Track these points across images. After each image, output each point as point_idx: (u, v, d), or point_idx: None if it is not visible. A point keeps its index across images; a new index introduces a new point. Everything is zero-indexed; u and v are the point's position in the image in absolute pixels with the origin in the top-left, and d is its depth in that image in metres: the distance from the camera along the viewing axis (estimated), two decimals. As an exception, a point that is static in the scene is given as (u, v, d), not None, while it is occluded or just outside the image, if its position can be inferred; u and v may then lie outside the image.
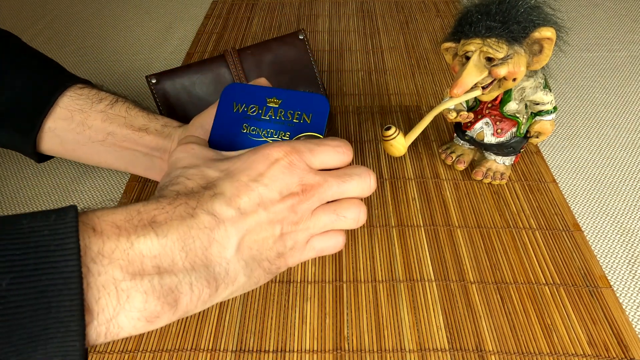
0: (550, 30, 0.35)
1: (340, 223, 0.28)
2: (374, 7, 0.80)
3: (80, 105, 0.40)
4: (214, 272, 0.23)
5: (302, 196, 0.26)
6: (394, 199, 0.45)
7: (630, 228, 0.43)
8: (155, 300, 0.21)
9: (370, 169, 0.27)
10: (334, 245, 0.29)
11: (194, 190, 0.24)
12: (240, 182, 0.25)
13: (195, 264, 0.22)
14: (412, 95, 0.59)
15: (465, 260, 0.40)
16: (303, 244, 0.28)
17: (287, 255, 0.27)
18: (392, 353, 0.34)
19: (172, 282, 0.21)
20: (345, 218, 0.28)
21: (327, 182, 0.27)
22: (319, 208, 0.27)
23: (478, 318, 0.36)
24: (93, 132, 0.40)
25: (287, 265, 0.28)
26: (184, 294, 0.22)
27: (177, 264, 0.22)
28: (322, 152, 0.27)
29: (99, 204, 0.45)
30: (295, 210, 0.26)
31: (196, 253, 0.23)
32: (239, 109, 0.36)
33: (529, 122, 0.42)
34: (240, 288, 0.25)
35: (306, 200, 0.26)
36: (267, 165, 0.26)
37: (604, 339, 0.34)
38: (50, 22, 0.77)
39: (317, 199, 0.27)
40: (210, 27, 0.75)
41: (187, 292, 0.22)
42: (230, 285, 0.24)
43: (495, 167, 0.46)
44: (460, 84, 0.36)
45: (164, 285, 0.21)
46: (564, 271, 0.39)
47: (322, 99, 0.35)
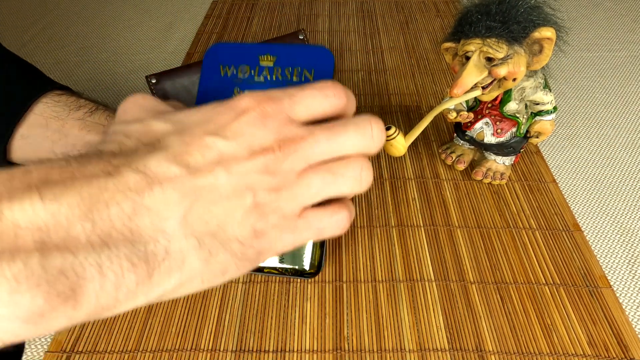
0: (550, 30, 0.35)
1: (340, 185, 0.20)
2: (374, 7, 0.80)
3: (56, 112, 0.38)
4: (145, 251, 0.17)
5: (279, 153, 0.19)
6: (394, 199, 0.45)
7: (630, 228, 0.43)
8: (31, 289, 0.15)
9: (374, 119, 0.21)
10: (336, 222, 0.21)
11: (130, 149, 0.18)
12: (193, 136, 0.19)
13: (110, 238, 0.16)
14: (412, 95, 0.59)
15: (465, 260, 0.40)
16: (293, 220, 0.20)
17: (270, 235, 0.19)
18: (392, 353, 0.34)
19: (65, 263, 0.15)
20: (345, 177, 0.20)
21: (313, 135, 0.20)
22: (308, 169, 0.20)
23: (478, 318, 0.36)
24: (70, 141, 0.38)
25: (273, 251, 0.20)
26: (89, 280, 0.16)
27: (77, 238, 0.16)
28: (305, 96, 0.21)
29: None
30: (272, 171, 0.19)
31: (112, 224, 0.16)
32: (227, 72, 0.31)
33: (529, 122, 0.42)
34: (197, 277, 0.18)
35: (285, 159, 0.19)
36: (232, 116, 0.19)
37: (604, 339, 0.34)
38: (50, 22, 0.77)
39: (302, 158, 0.20)
40: (210, 27, 0.75)
41: (95, 278, 0.16)
42: (175, 272, 0.18)
43: (495, 167, 0.46)
44: (460, 84, 0.36)
45: (50, 267, 0.15)
46: (564, 271, 0.39)
47: (324, 51, 0.30)
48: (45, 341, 0.35)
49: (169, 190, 0.17)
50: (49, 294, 0.15)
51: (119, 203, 0.17)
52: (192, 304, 0.37)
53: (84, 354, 0.34)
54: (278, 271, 0.33)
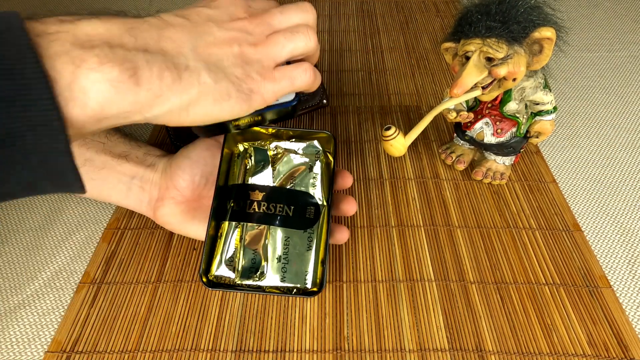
0: (550, 30, 0.35)
1: (297, 41, 0.29)
2: (374, 7, 0.80)
3: None
4: (174, 62, 0.24)
5: (250, 19, 0.28)
6: (394, 199, 0.45)
7: (630, 228, 0.43)
8: (110, 64, 0.21)
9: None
10: (303, 71, 0.29)
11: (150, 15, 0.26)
12: (187, 8, 0.28)
13: (148, 48, 0.23)
14: (412, 95, 0.59)
15: (465, 260, 0.40)
16: (270, 71, 0.28)
17: (256, 79, 0.27)
18: (392, 353, 0.34)
19: (125, 54, 0.22)
20: (298, 34, 0.29)
21: (270, 10, 0.30)
22: (273, 33, 0.29)
23: (478, 318, 0.36)
24: None
25: (261, 95, 0.28)
26: (142, 69, 0.23)
27: (127, 44, 0.23)
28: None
29: (99, 204, 0.45)
30: (249, 32, 0.28)
31: (146, 41, 0.24)
32: None
33: (529, 122, 0.42)
34: (210, 94, 0.25)
35: (255, 23, 0.28)
36: (210, 0, 0.29)
37: (604, 339, 0.34)
38: (50, 22, 0.77)
39: (267, 25, 0.29)
40: (210, 27, 0.75)
41: (145, 67, 0.23)
42: (195, 81, 0.25)
43: (495, 167, 0.46)
44: (460, 84, 0.36)
45: (117, 54, 0.22)
46: (564, 271, 0.39)
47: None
48: (45, 341, 0.35)
49: (179, 29, 0.25)
50: (120, 68, 0.22)
51: (148, 30, 0.24)
52: (192, 304, 0.37)
53: (84, 354, 0.34)
54: (280, 290, 0.33)
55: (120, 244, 0.41)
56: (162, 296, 0.37)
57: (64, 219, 0.44)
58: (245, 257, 0.33)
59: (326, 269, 0.32)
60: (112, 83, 0.22)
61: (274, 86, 0.28)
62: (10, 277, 0.39)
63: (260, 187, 0.35)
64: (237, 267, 0.33)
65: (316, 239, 0.34)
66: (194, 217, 0.36)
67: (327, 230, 0.34)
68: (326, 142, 0.36)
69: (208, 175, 0.36)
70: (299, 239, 0.34)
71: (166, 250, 0.41)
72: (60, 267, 0.40)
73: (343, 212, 0.36)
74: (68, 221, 0.44)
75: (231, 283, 0.33)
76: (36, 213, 0.45)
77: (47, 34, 0.21)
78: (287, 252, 0.33)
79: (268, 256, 0.33)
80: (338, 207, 0.36)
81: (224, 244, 0.34)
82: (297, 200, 0.34)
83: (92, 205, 0.45)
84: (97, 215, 0.44)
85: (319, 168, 0.36)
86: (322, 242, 0.34)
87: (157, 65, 0.23)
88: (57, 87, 0.20)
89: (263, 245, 0.33)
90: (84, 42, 0.22)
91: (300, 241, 0.34)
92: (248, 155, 0.36)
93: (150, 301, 0.37)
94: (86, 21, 0.22)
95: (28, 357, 0.34)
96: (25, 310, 0.37)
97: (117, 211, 0.44)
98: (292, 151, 0.36)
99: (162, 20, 0.25)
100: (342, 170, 0.37)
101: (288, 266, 0.33)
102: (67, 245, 0.42)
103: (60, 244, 0.42)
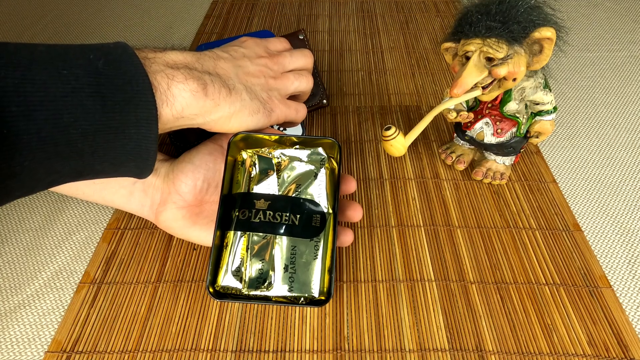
0: (550, 30, 0.35)
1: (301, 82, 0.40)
2: (374, 7, 0.80)
3: None
4: (226, 82, 0.33)
5: (270, 58, 0.39)
6: (394, 199, 0.45)
7: (630, 228, 0.43)
8: (191, 79, 0.30)
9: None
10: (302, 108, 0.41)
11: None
12: (228, 46, 0.38)
13: (210, 71, 0.33)
14: (412, 95, 0.59)
15: (465, 260, 0.40)
16: (284, 98, 0.39)
17: (275, 103, 0.37)
18: (392, 353, 0.34)
19: (198, 74, 0.31)
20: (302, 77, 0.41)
21: (282, 53, 0.41)
22: (285, 72, 0.40)
23: (478, 318, 0.36)
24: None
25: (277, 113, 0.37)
26: (209, 85, 0.31)
27: (198, 68, 0.32)
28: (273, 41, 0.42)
29: (99, 204, 0.45)
30: (269, 66, 0.38)
31: (208, 67, 0.33)
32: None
33: (529, 122, 0.42)
34: (248, 105, 0.34)
35: (273, 62, 0.39)
36: (241, 42, 0.39)
37: (604, 339, 0.34)
38: (50, 22, 0.77)
39: (281, 64, 0.40)
40: (210, 27, 0.75)
41: (210, 84, 0.32)
42: (239, 97, 0.34)
43: (495, 167, 0.46)
44: (460, 84, 0.36)
45: (193, 74, 0.31)
46: (564, 271, 0.39)
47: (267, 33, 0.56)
48: (45, 341, 0.35)
49: (226, 61, 0.35)
50: (197, 83, 0.31)
51: (207, 61, 0.34)
52: (192, 304, 0.37)
53: (84, 354, 0.34)
54: (287, 300, 0.32)
55: (120, 244, 0.41)
56: (162, 296, 0.37)
57: (64, 219, 0.44)
58: (252, 267, 0.33)
59: (333, 278, 0.32)
60: (192, 92, 0.30)
61: (286, 109, 0.38)
62: (10, 277, 0.39)
63: (265, 196, 0.34)
64: (244, 277, 0.33)
65: (322, 248, 0.33)
66: (195, 222, 0.36)
67: (334, 239, 0.33)
68: (330, 148, 0.36)
69: (210, 180, 0.37)
70: (306, 247, 0.33)
71: (166, 251, 0.41)
72: (60, 267, 0.40)
73: (349, 218, 0.36)
74: (68, 221, 0.44)
75: (238, 293, 0.33)
76: (36, 213, 0.45)
77: (147, 58, 0.30)
78: (294, 261, 0.33)
79: (275, 266, 0.33)
80: (344, 213, 0.36)
81: (230, 254, 0.33)
82: (303, 209, 0.34)
83: (92, 206, 0.45)
84: (97, 215, 0.44)
85: (324, 175, 0.35)
86: (329, 251, 0.33)
87: (218, 83, 0.32)
88: (157, 93, 0.28)
89: (270, 255, 0.33)
90: (172, 64, 0.31)
91: (307, 250, 0.33)
92: (252, 163, 0.36)
93: (150, 301, 0.37)
94: (170, 51, 0.32)
95: (28, 357, 0.34)
96: (25, 310, 0.37)
97: (117, 211, 0.44)
98: (297, 159, 0.36)
99: (215, 54, 0.35)
100: (346, 175, 0.37)
101: (295, 275, 0.32)
102: (67, 245, 0.42)
103: (60, 244, 0.42)
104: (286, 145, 0.36)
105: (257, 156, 0.36)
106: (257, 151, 0.36)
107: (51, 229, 0.43)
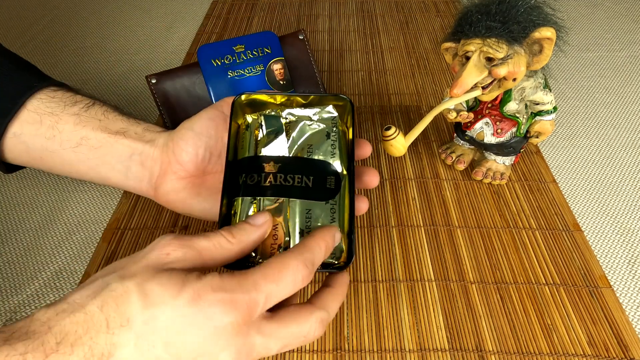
0: (550, 30, 0.35)
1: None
2: (374, 7, 0.80)
3: (51, 108, 0.36)
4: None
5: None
6: (394, 199, 0.45)
7: (630, 228, 0.43)
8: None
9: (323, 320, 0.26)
10: None
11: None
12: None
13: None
14: (412, 95, 0.59)
15: (465, 260, 0.40)
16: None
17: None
18: (392, 353, 0.34)
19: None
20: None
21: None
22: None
23: (478, 318, 0.36)
24: (65, 138, 0.36)
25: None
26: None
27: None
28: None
29: (99, 204, 0.45)
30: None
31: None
32: (218, 62, 0.49)
33: (529, 122, 0.42)
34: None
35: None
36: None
37: (604, 339, 0.34)
38: (50, 22, 0.77)
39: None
40: (210, 27, 0.75)
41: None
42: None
43: (495, 167, 0.46)
44: (460, 84, 0.36)
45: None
46: (564, 271, 0.39)
47: (270, 33, 0.50)
48: (45, 341, 0.35)
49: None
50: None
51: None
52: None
53: (84, 354, 0.34)
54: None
55: (120, 244, 0.41)
56: (162, 296, 0.37)
57: (64, 219, 0.44)
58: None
59: (354, 241, 0.30)
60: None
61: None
62: (10, 277, 0.39)
63: (275, 158, 0.31)
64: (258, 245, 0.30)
65: (339, 211, 0.31)
66: (198, 194, 0.34)
67: (351, 202, 0.31)
68: (342, 108, 0.33)
69: (212, 148, 0.34)
70: (321, 210, 0.30)
71: (166, 250, 0.41)
72: (60, 267, 0.40)
73: (365, 184, 0.34)
74: (68, 221, 0.44)
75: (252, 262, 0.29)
76: (36, 213, 0.45)
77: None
78: (309, 225, 0.30)
79: (289, 231, 0.30)
80: (360, 179, 0.34)
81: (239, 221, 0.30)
82: (316, 170, 0.31)
83: (92, 206, 0.45)
84: (97, 215, 0.44)
85: (337, 135, 0.32)
86: (346, 214, 0.31)
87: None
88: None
89: (284, 220, 0.30)
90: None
91: (323, 213, 0.30)
92: (258, 125, 0.32)
93: (150, 301, 0.37)
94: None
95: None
96: (26, 310, 0.37)
97: (117, 211, 0.44)
98: (307, 117, 0.33)
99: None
100: (360, 139, 0.34)
101: None
102: (67, 245, 0.42)
103: (60, 244, 0.42)
104: (293, 106, 0.33)
105: (263, 117, 0.33)
106: (263, 112, 0.33)
107: (51, 229, 0.43)
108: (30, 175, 0.49)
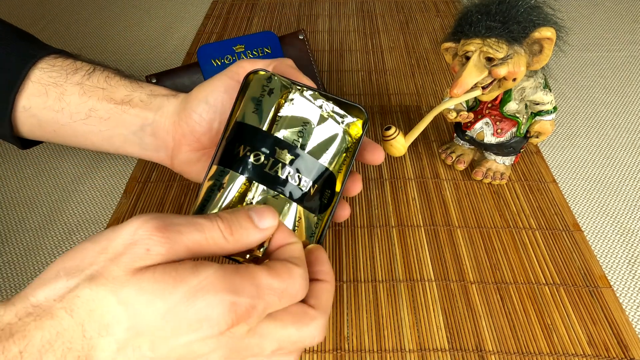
0: (550, 30, 0.35)
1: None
2: (374, 7, 0.80)
3: (54, 78, 0.35)
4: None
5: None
6: (394, 199, 0.45)
7: (630, 228, 0.43)
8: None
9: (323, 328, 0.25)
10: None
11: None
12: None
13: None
14: (412, 95, 0.59)
15: (465, 260, 0.40)
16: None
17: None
18: (392, 353, 0.34)
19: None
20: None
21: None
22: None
23: (478, 318, 0.36)
24: (73, 110, 0.35)
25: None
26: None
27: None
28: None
29: (99, 204, 0.45)
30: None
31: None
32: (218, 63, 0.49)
33: (529, 122, 0.42)
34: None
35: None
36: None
37: (604, 339, 0.34)
38: (50, 22, 0.77)
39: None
40: (210, 27, 0.75)
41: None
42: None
43: (495, 167, 0.46)
44: (460, 84, 0.36)
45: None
46: (564, 271, 0.39)
47: (270, 33, 0.50)
48: (45, 341, 0.35)
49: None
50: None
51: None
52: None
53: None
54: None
55: (120, 244, 0.41)
56: (162, 296, 0.37)
57: (64, 219, 0.44)
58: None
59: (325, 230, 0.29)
60: None
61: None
62: (10, 277, 0.39)
63: (290, 149, 0.27)
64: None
65: (318, 227, 0.29)
66: None
67: (327, 221, 0.29)
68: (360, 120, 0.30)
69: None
70: (308, 222, 0.28)
71: (166, 250, 0.41)
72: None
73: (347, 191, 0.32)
74: (68, 221, 0.44)
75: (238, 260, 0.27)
76: (36, 213, 0.45)
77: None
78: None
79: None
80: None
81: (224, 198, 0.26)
82: (322, 180, 0.28)
83: (92, 205, 0.45)
84: (97, 215, 0.44)
85: (352, 153, 0.30)
86: (320, 230, 0.29)
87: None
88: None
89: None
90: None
91: (308, 226, 0.28)
92: (290, 100, 0.27)
93: (150, 301, 0.37)
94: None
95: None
96: (25, 310, 0.37)
97: (117, 211, 0.44)
98: (336, 119, 0.28)
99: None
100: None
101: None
102: (67, 245, 0.42)
103: (60, 244, 0.42)
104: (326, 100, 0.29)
105: (298, 93, 0.27)
106: (300, 89, 0.28)
107: (51, 229, 0.43)
108: (31, 175, 0.49)
